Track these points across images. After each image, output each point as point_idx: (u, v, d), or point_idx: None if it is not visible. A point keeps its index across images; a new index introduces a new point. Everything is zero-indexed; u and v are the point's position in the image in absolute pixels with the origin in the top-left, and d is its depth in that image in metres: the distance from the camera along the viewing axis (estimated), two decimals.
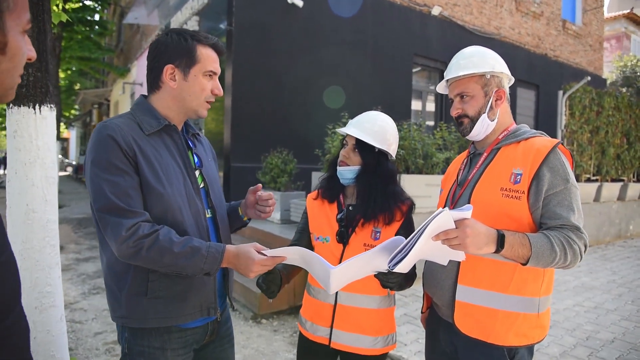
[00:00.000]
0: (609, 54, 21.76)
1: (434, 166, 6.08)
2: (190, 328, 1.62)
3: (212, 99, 1.64)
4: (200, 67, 1.57)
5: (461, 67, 1.71)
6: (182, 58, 1.56)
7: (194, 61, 1.56)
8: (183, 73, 1.57)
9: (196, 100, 1.59)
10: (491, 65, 1.69)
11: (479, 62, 1.69)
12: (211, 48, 1.60)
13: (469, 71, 1.68)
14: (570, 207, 1.54)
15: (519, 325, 1.59)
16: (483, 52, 1.74)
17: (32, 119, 2.29)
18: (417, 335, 4.06)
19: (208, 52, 1.59)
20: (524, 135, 1.68)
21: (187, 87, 1.58)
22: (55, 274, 2.38)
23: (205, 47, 1.59)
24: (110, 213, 1.41)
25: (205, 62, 1.58)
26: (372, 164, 1.91)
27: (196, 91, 1.58)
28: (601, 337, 4.18)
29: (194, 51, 1.56)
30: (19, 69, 0.85)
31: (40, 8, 2.30)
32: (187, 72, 1.57)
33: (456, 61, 1.75)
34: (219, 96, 1.65)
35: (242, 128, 7.88)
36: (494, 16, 12.16)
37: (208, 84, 1.60)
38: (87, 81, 22.43)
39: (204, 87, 1.59)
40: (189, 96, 1.59)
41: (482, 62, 1.69)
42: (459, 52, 1.79)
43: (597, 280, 6.25)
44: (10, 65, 0.82)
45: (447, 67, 1.79)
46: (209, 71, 1.59)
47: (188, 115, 1.65)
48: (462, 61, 1.72)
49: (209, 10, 9.19)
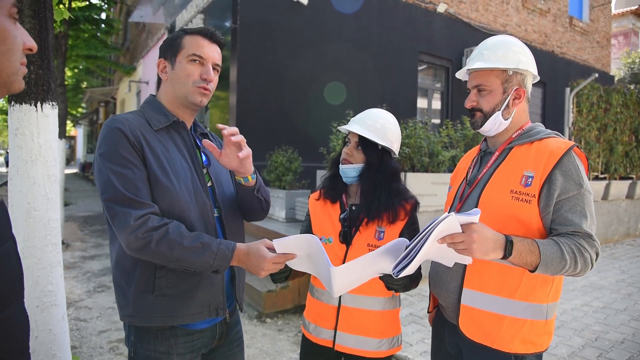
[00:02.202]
0: (616, 50, 21.58)
1: (440, 164, 6.04)
2: (198, 331, 1.58)
3: (203, 84, 1.59)
4: (184, 53, 1.57)
5: (483, 57, 1.63)
6: (169, 49, 1.60)
7: (178, 49, 1.58)
8: (170, 63, 1.59)
9: (183, 86, 1.58)
10: (516, 61, 1.60)
11: (503, 55, 1.60)
12: (198, 35, 1.59)
13: (490, 64, 1.60)
14: (583, 213, 1.48)
15: (525, 332, 1.54)
16: (509, 45, 1.63)
17: (34, 116, 2.27)
18: (423, 335, 4.03)
19: (194, 38, 1.59)
20: (538, 136, 1.61)
21: (175, 75, 1.59)
22: (57, 272, 2.37)
23: (193, 35, 1.59)
24: (118, 203, 1.39)
25: (188, 47, 1.58)
26: (375, 162, 1.88)
27: (181, 77, 1.57)
28: (610, 337, 4.12)
29: (179, 40, 1.59)
30: (14, 54, 0.85)
31: (41, 5, 2.27)
32: (174, 61, 1.59)
33: (479, 51, 1.66)
34: (209, 80, 1.60)
35: (246, 126, 7.85)
36: (500, 13, 12.06)
37: (194, 69, 1.57)
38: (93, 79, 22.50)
39: (189, 72, 1.57)
40: (177, 83, 1.58)
41: (506, 56, 1.60)
42: (484, 41, 1.69)
43: (606, 279, 6.18)
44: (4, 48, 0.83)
45: (471, 54, 1.70)
46: (192, 54, 1.57)
47: (185, 105, 1.62)
48: (485, 52, 1.63)
49: (214, 8, 9.17)
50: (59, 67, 8.55)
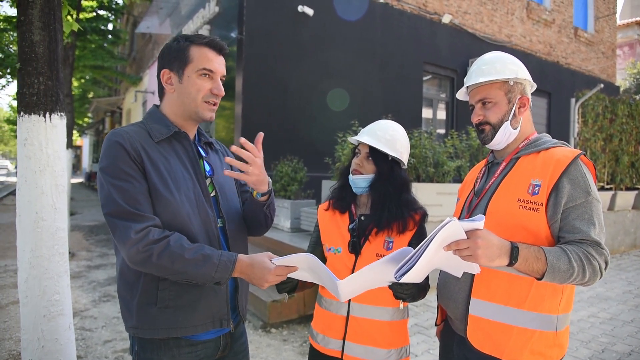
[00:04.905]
0: (621, 61, 21.55)
1: (445, 174, 6.03)
2: (201, 342, 1.57)
3: (213, 99, 1.58)
4: (193, 67, 1.54)
5: (484, 72, 1.65)
6: (175, 61, 1.55)
7: (186, 62, 1.54)
8: (178, 76, 1.55)
9: (193, 101, 1.56)
10: (514, 72, 1.64)
11: (502, 68, 1.64)
12: (206, 46, 1.56)
13: (492, 77, 1.63)
14: (591, 221, 1.47)
15: (534, 343, 1.52)
16: (505, 58, 1.68)
17: (43, 127, 2.29)
18: (429, 346, 4.00)
19: (202, 50, 1.55)
20: (544, 145, 1.62)
21: (183, 90, 1.55)
22: (64, 282, 2.37)
23: (200, 46, 1.55)
24: (119, 217, 1.40)
25: (198, 60, 1.54)
26: (386, 172, 1.89)
27: (191, 92, 1.55)
28: (617, 349, 4.08)
29: (186, 51, 1.54)
30: None
31: (51, 17, 2.30)
32: (181, 73, 1.55)
33: (477, 67, 1.69)
34: (220, 96, 1.59)
35: (252, 135, 7.84)
36: (505, 24, 12.11)
37: (204, 83, 1.55)
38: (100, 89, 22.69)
39: (199, 87, 1.55)
40: (186, 98, 1.56)
41: (505, 68, 1.64)
42: (479, 58, 1.74)
43: (612, 290, 6.12)
44: None
45: (467, 73, 1.73)
46: (203, 69, 1.54)
47: (193, 119, 1.61)
48: (484, 67, 1.66)
49: (220, 19, 9.25)
50: (66, 77, 8.63)
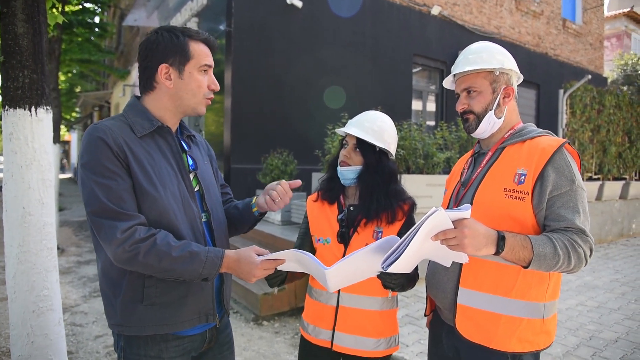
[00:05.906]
0: (609, 52, 21.70)
1: (435, 166, 6.06)
2: (188, 335, 1.58)
3: (211, 95, 1.60)
4: (195, 63, 1.53)
5: (470, 62, 1.67)
6: (176, 56, 1.52)
7: (187, 58, 1.52)
8: (178, 71, 1.52)
9: (194, 98, 1.56)
10: (500, 62, 1.65)
11: (488, 57, 1.65)
12: (203, 43, 1.57)
13: (477, 66, 1.64)
14: (576, 209, 1.49)
15: (522, 331, 1.54)
16: (492, 48, 1.70)
17: (28, 121, 2.27)
18: (419, 336, 4.03)
19: (200, 47, 1.55)
20: (529, 135, 1.63)
21: (184, 85, 1.54)
22: (53, 277, 2.36)
23: (197, 42, 1.55)
24: (103, 216, 1.37)
25: (199, 57, 1.54)
26: (373, 163, 1.90)
27: (193, 88, 1.54)
28: (604, 336, 4.14)
29: (187, 47, 1.52)
30: None
31: (35, 9, 2.27)
32: (182, 69, 1.53)
33: (464, 56, 1.71)
34: (216, 91, 1.61)
35: (242, 129, 7.85)
36: (493, 15, 12.13)
37: (204, 79, 1.56)
38: (87, 84, 22.38)
39: (200, 83, 1.55)
40: (187, 94, 1.55)
41: (491, 57, 1.65)
42: (466, 48, 1.75)
43: (600, 279, 6.21)
44: None
45: (455, 62, 1.75)
46: (204, 65, 1.55)
47: (186, 114, 1.60)
48: (471, 56, 1.68)
49: (208, 12, 9.17)
50: (53, 71, 8.51)
